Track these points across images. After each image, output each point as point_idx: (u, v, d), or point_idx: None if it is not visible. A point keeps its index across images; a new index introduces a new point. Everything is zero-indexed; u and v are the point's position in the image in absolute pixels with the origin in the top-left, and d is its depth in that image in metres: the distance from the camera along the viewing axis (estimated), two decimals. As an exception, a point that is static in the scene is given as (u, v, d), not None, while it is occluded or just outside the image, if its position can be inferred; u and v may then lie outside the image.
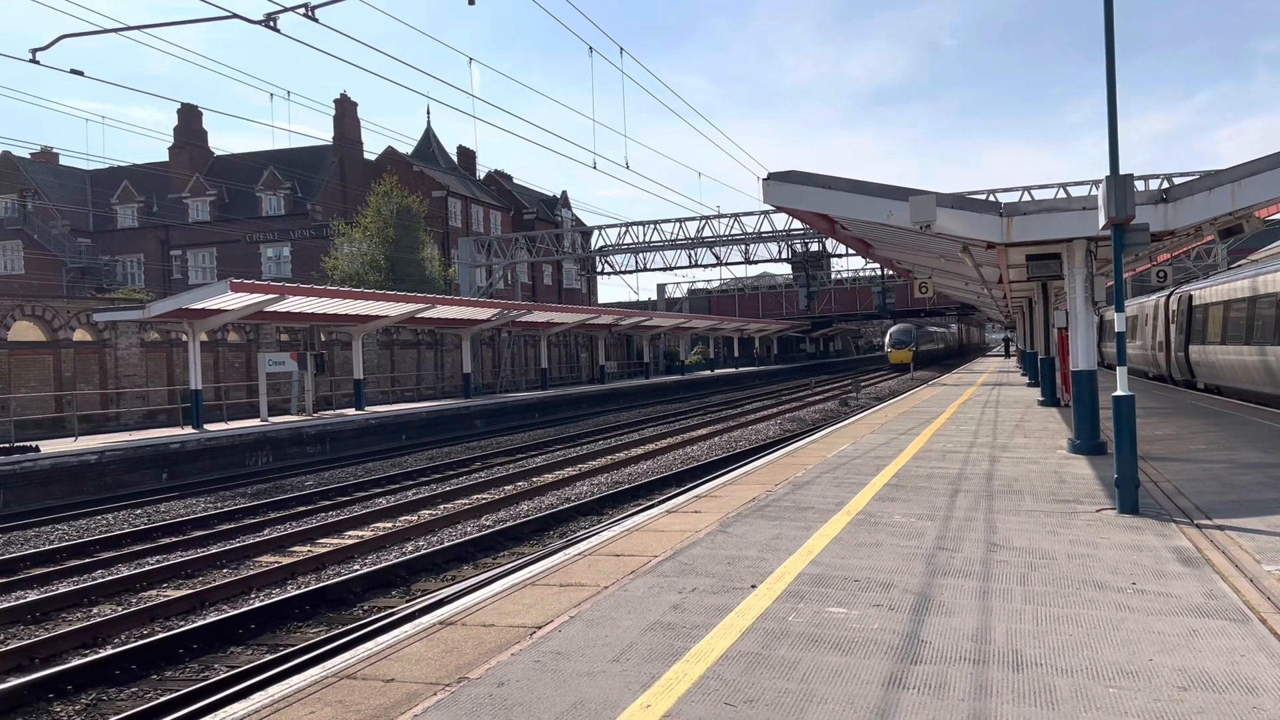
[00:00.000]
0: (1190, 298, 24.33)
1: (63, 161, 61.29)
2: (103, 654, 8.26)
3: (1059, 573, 6.43)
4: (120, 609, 10.05)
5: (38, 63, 15.48)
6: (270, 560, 12.20)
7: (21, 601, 10.27)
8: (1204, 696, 4.18)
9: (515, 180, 74.82)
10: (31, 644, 8.60)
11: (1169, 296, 27.15)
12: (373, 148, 62.89)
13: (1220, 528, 7.72)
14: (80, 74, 16.94)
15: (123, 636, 9.05)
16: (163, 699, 7.30)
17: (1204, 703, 4.11)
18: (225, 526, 14.69)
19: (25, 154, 59.01)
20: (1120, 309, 8.82)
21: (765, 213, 47.42)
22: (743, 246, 49.84)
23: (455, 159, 69.18)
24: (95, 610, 10.13)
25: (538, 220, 69.83)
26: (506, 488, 17.44)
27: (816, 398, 40.73)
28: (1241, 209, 10.80)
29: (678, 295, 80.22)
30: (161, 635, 8.72)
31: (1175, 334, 26.24)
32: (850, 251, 34.59)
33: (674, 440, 24.27)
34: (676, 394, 48.43)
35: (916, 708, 4.15)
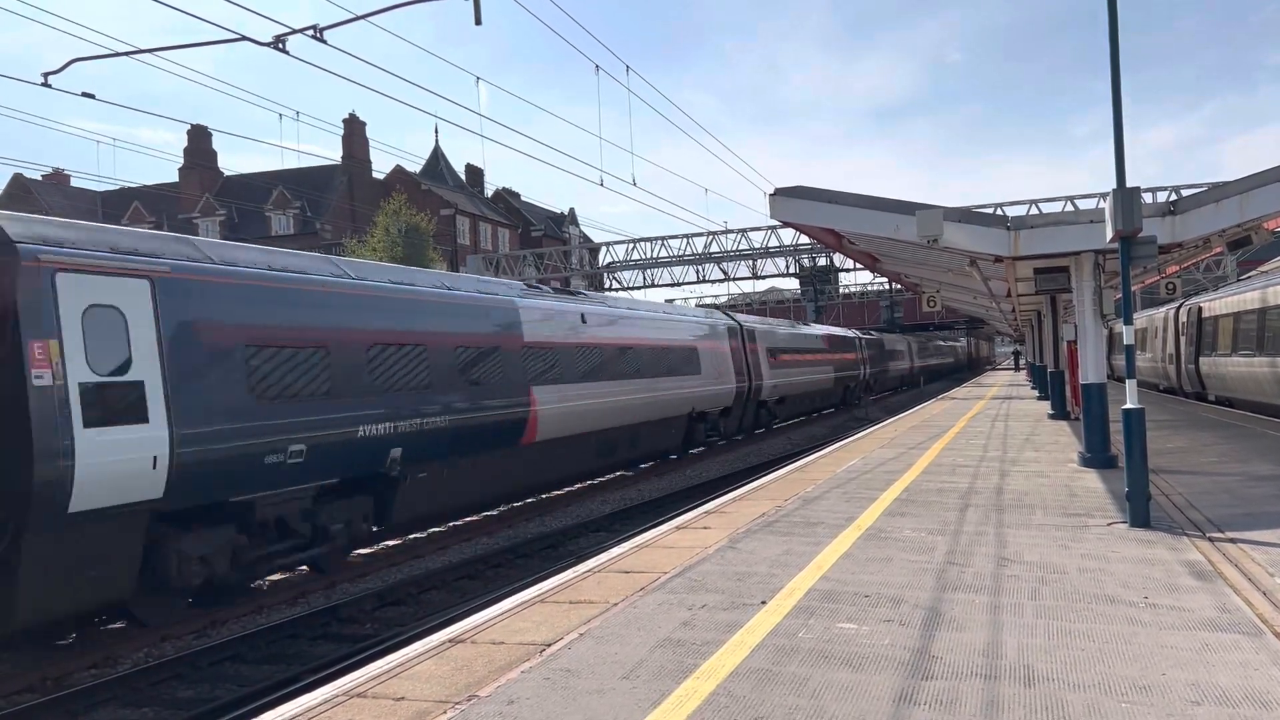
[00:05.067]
0: (1200, 310, 24.25)
1: (74, 183, 61.76)
2: (114, 674, 8.28)
3: (1070, 587, 6.41)
4: (132, 628, 10.06)
5: (50, 86, 15.63)
6: (280, 578, 12.20)
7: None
8: (1217, 711, 4.16)
9: (523, 198, 75.07)
10: (43, 664, 8.62)
11: (1178, 308, 27.07)
12: (381, 167, 63.34)
13: (1233, 541, 7.68)
14: (92, 97, 17.05)
15: (134, 657, 9.06)
16: None
17: (1217, 717, 4.09)
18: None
19: (37, 176, 59.55)
20: (1128, 321, 8.81)
21: (772, 228, 47.43)
22: (750, 261, 49.85)
23: (463, 177, 69.53)
24: (106, 630, 10.14)
25: (545, 237, 70.04)
26: (515, 504, 17.42)
27: (826, 412, 40.63)
28: (1249, 221, 10.76)
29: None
30: (173, 656, 8.74)
31: (1185, 346, 26.14)
32: (858, 266, 34.62)
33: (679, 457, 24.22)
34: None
35: (928, 724, 4.13)
